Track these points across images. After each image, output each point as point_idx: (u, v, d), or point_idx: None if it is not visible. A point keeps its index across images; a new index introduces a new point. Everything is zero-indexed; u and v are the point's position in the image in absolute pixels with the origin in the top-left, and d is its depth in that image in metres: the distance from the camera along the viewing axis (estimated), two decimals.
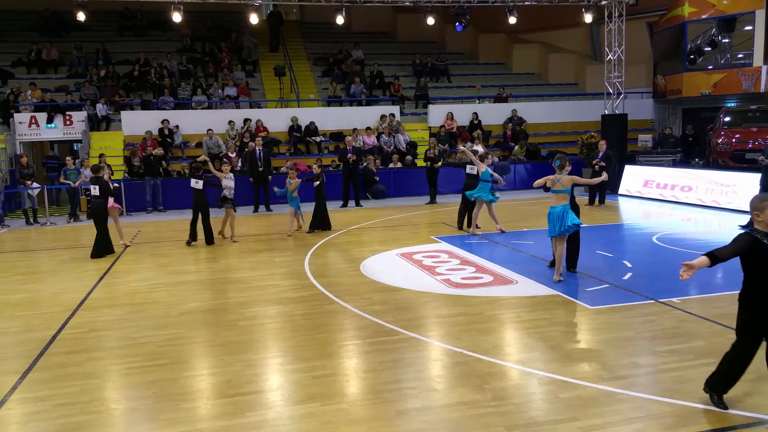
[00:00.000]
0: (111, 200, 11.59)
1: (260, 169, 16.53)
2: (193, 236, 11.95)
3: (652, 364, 5.45)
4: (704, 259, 4.39)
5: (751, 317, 4.48)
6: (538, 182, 8.58)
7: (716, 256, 4.39)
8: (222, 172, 12.10)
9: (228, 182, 12.00)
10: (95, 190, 11.30)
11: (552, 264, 8.92)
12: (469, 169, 12.41)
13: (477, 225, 12.16)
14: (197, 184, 11.72)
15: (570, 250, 8.77)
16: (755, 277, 4.42)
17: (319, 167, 13.49)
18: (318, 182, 12.71)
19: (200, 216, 11.83)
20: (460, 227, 12.56)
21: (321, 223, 12.95)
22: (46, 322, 7.25)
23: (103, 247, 11.24)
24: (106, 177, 11.58)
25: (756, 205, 4.42)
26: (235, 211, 12.17)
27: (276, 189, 13.27)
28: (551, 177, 8.38)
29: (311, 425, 4.54)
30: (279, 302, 7.82)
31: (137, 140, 18.67)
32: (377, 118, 20.88)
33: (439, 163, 17.36)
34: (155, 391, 5.20)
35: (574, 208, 8.55)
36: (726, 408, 4.57)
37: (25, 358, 6.07)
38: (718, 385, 4.66)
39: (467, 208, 12.46)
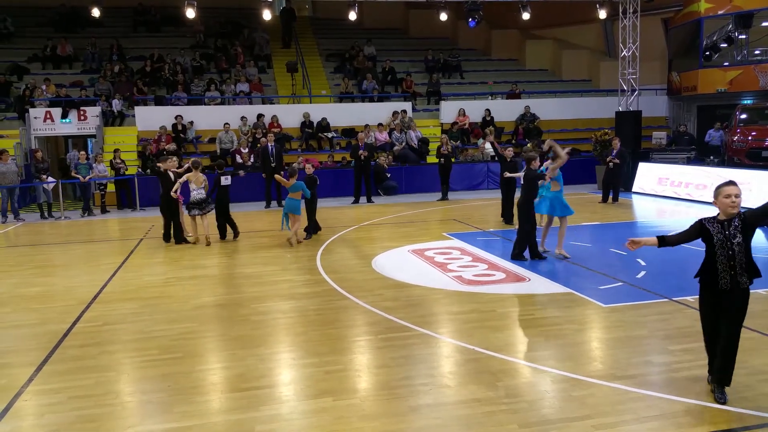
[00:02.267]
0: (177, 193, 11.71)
1: (272, 164, 16.57)
2: (226, 232, 12.01)
3: (666, 363, 5.41)
4: (653, 239, 4.80)
5: (705, 295, 4.74)
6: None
7: (665, 240, 4.78)
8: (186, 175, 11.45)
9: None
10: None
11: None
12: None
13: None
14: (226, 180, 11.71)
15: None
16: (707, 259, 4.67)
17: (312, 167, 12.48)
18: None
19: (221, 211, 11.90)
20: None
21: (316, 225, 12.16)
22: (61, 315, 7.32)
23: (178, 235, 11.68)
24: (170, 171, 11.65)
25: (714, 192, 4.68)
26: (190, 213, 11.53)
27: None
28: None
29: (324, 420, 4.56)
30: (291, 297, 7.85)
31: (151, 135, 18.79)
32: (389, 114, 20.86)
33: (453, 160, 17.35)
34: (169, 384, 5.23)
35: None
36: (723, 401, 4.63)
37: (41, 350, 6.13)
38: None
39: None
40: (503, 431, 4.32)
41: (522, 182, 9.40)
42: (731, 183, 4.57)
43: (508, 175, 11.86)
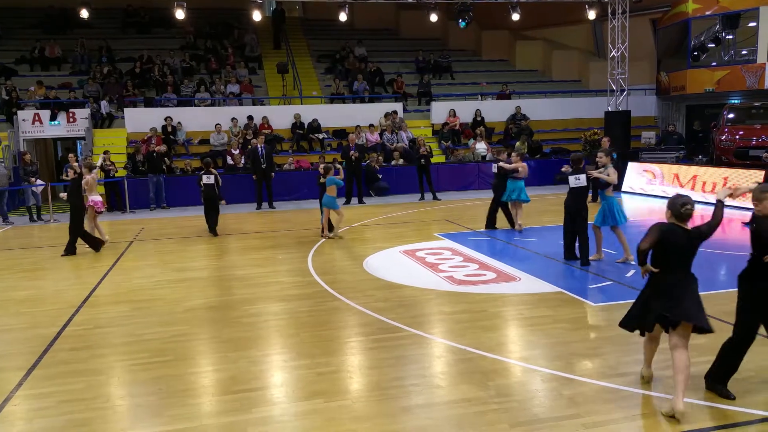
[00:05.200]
0: (92, 198, 11.70)
1: (263, 166, 16.54)
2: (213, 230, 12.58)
3: (655, 361, 5.42)
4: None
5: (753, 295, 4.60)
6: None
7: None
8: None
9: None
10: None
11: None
12: (494, 168, 12.22)
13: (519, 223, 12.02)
14: (209, 179, 12.12)
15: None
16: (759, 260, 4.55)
17: (323, 164, 12.78)
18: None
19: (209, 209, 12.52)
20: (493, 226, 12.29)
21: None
22: (51, 318, 7.28)
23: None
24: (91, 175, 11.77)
25: (757, 195, 4.62)
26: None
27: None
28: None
29: (316, 421, 4.56)
30: (283, 299, 7.84)
31: (140, 137, 18.70)
32: (380, 115, 20.87)
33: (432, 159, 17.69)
34: (160, 387, 5.22)
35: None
36: (732, 398, 4.65)
37: (30, 354, 6.10)
38: (718, 374, 4.81)
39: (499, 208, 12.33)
40: (494, 430, 4.35)
41: (576, 185, 8.97)
42: None
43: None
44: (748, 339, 4.67)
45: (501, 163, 11.74)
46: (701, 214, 13.53)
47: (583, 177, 8.89)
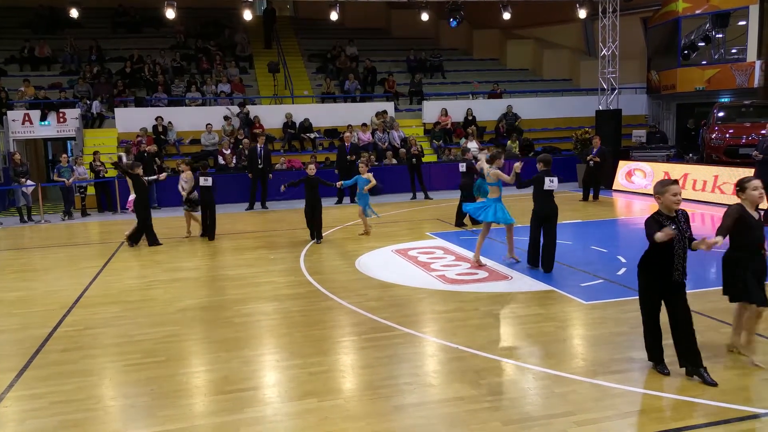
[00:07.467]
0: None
1: (260, 166, 16.50)
2: (205, 230, 12.44)
3: (647, 359, 5.48)
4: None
5: (647, 283, 5.05)
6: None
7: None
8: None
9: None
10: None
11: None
12: (461, 167, 12.47)
13: None
14: (206, 181, 12.02)
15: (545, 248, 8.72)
16: (656, 251, 4.89)
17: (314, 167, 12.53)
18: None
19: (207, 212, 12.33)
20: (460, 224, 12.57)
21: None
22: (42, 319, 7.25)
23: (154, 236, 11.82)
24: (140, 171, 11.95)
25: (657, 189, 4.91)
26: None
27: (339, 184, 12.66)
28: (485, 166, 9.50)
29: (308, 421, 4.57)
30: (275, 299, 7.84)
31: (131, 137, 18.63)
32: (371, 114, 20.87)
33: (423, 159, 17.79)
34: (152, 388, 5.21)
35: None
36: (668, 374, 5.08)
37: (22, 355, 6.07)
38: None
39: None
40: (486, 429, 4.36)
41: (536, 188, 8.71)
42: (676, 182, 4.91)
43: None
44: (653, 321, 5.17)
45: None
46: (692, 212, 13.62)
47: (556, 179, 8.55)
